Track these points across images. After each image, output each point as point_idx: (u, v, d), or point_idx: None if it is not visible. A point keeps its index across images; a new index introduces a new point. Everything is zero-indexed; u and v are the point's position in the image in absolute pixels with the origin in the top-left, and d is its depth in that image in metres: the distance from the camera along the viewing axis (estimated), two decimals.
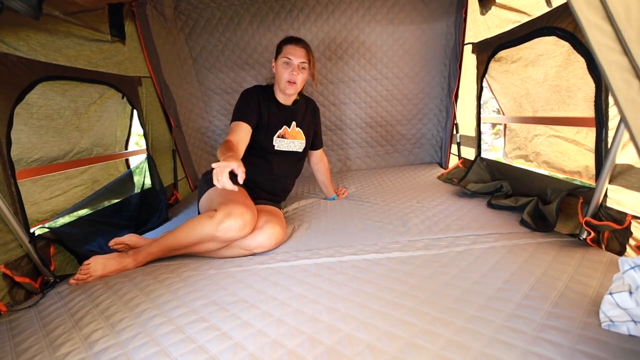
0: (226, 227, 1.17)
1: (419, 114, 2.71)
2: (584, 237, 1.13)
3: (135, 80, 2.00)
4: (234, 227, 1.18)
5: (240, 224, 1.19)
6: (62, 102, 1.52)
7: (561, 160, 1.62)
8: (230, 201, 1.25)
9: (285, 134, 1.59)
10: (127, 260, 1.26)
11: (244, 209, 1.22)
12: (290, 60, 1.47)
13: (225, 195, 1.33)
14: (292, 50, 1.48)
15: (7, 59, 1.21)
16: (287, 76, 1.48)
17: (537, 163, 1.83)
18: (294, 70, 1.47)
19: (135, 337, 0.80)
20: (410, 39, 2.46)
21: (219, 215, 1.18)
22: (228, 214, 1.18)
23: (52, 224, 1.37)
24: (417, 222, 1.45)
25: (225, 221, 1.17)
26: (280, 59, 1.49)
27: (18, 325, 0.93)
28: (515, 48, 1.61)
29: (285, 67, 1.48)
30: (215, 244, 1.23)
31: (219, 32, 2.38)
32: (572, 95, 1.44)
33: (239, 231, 1.19)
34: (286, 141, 1.59)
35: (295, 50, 1.48)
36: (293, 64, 1.47)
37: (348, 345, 0.72)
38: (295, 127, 1.62)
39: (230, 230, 1.18)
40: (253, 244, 1.26)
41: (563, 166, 1.61)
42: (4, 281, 1.11)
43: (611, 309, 0.71)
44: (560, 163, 1.63)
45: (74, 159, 1.63)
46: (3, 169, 1.16)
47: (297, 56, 1.47)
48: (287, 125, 1.59)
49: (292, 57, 1.47)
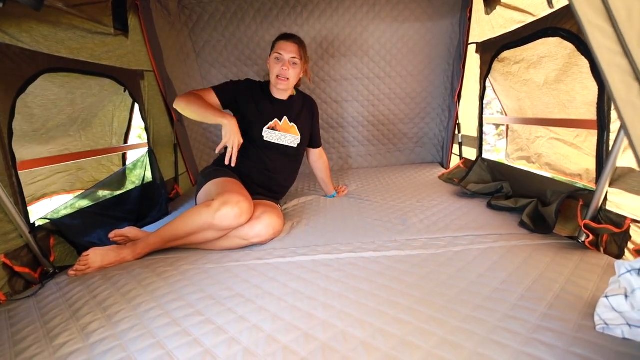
0: (223, 215, 1.20)
1: (422, 113, 2.70)
2: (583, 239, 1.13)
3: (138, 73, 2.00)
4: (231, 214, 1.20)
5: (237, 212, 1.21)
6: (59, 94, 1.53)
7: (563, 162, 1.62)
8: (227, 191, 1.27)
9: (275, 127, 1.61)
10: (125, 253, 1.27)
11: (240, 197, 1.25)
12: (281, 55, 1.51)
13: (222, 186, 1.35)
14: (283, 46, 1.52)
15: (9, 50, 1.22)
16: (277, 71, 1.52)
17: (539, 165, 1.82)
18: (284, 65, 1.51)
19: (132, 329, 0.81)
20: (415, 37, 2.45)
21: (216, 203, 1.21)
22: (225, 202, 1.21)
23: (53, 215, 1.38)
24: (416, 222, 1.45)
25: (222, 209, 1.20)
26: (273, 55, 1.53)
27: (16, 314, 0.94)
28: (519, 49, 1.60)
29: (276, 62, 1.52)
30: (212, 233, 1.24)
31: (223, 26, 2.38)
32: (571, 99, 1.43)
33: (236, 219, 1.22)
34: (277, 133, 1.60)
35: (287, 45, 1.52)
36: (284, 59, 1.51)
37: (342, 341, 0.72)
38: (288, 122, 1.63)
39: (227, 218, 1.20)
40: (251, 234, 1.28)
41: (565, 168, 1.61)
42: (4, 271, 1.12)
43: (606, 312, 0.71)
44: (562, 165, 1.63)
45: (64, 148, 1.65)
46: (4, 159, 1.16)
47: (288, 51, 1.51)
48: (279, 118, 1.61)
49: (283, 52, 1.51)
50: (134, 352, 0.72)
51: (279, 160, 1.63)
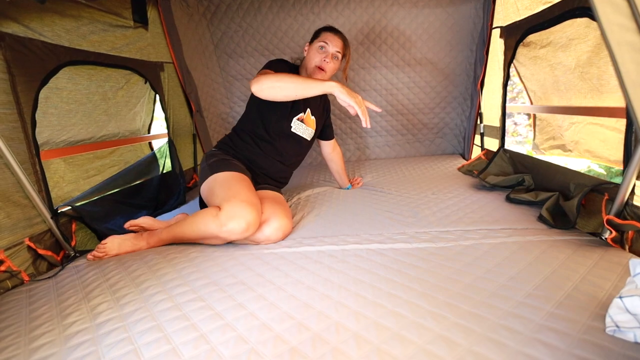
0: (229, 230, 1.14)
1: (442, 103, 2.60)
2: (606, 236, 1.06)
3: (158, 65, 2.05)
4: (238, 230, 1.14)
5: (244, 227, 1.14)
6: (89, 87, 1.59)
7: (604, 149, 1.49)
8: (232, 197, 1.19)
9: (303, 119, 1.58)
10: (141, 243, 1.31)
11: (247, 208, 1.16)
12: (327, 45, 1.44)
13: (227, 187, 1.27)
14: (330, 37, 1.45)
15: (32, 44, 1.27)
16: (318, 61, 1.45)
17: (578, 152, 1.70)
18: (327, 56, 1.44)
19: (136, 312, 0.84)
20: (435, 22, 2.35)
21: (223, 217, 1.14)
22: (231, 217, 1.14)
23: (75, 202, 1.45)
24: (428, 214, 1.41)
25: (228, 224, 1.13)
26: (316, 43, 1.46)
27: (36, 294, 1.00)
28: (545, 32, 1.49)
29: (319, 51, 1.45)
30: (220, 241, 1.24)
31: (240, 17, 2.38)
32: (604, 83, 1.32)
33: (243, 233, 1.16)
34: (302, 126, 1.58)
35: (334, 38, 1.45)
36: (328, 50, 1.45)
37: (334, 333, 0.71)
38: (310, 114, 1.61)
39: (234, 233, 1.15)
40: (261, 238, 1.24)
41: (608, 155, 1.48)
42: (29, 253, 1.20)
43: (619, 313, 0.66)
44: (604, 152, 1.51)
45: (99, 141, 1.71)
46: (28, 148, 1.23)
47: (334, 44, 1.45)
48: (304, 111, 1.58)
49: (330, 42, 1.44)
50: (134, 333, 0.75)
51: (293, 150, 1.62)
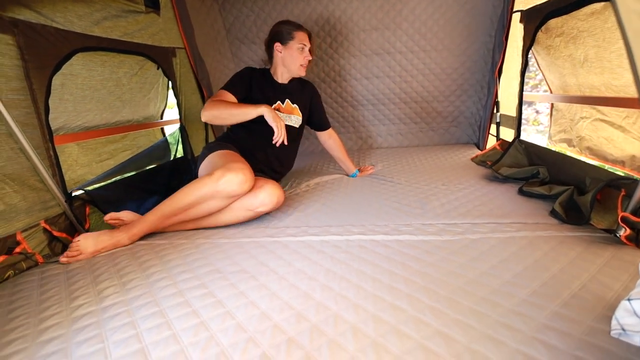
0: (227, 181, 1.23)
1: (458, 90, 2.52)
2: (620, 234, 1.02)
3: (170, 51, 2.05)
4: (235, 180, 1.23)
5: (242, 178, 1.24)
6: (103, 73, 1.60)
7: (605, 147, 1.44)
8: (230, 161, 1.32)
9: (279, 108, 1.70)
10: (120, 236, 1.22)
11: (243, 165, 1.30)
12: (305, 46, 1.66)
13: (225, 158, 1.40)
14: (304, 37, 1.66)
15: (45, 30, 1.29)
16: (302, 60, 1.66)
17: (579, 149, 1.65)
18: (307, 55, 1.66)
19: (140, 297, 0.86)
20: (453, 6, 2.26)
21: (219, 171, 1.24)
22: (228, 169, 1.24)
23: (87, 185, 1.49)
24: (436, 205, 1.38)
25: (226, 174, 1.23)
26: (295, 45, 1.64)
27: (48, 276, 1.04)
28: (560, 19, 1.42)
29: (300, 52, 1.65)
30: (216, 202, 1.26)
31: (252, 2, 2.35)
32: (617, 76, 1.25)
33: (240, 185, 1.25)
34: (281, 115, 1.69)
35: (306, 37, 1.67)
36: (306, 50, 1.66)
37: (332, 324, 0.72)
38: (290, 103, 1.74)
39: (232, 184, 1.23)
40: (256, 202, 1.32)
41: (607, 154, 1.43)
42: (44, 235, 1.24)
43: (626, 316, 0.63)
44: (604, 150, 1.45)
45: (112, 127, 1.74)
46: (42, 134, 1.26)
47: (309, 42, 1.68)
48: (281, 101, 1.71)
49: (307, 43, 1.66)
50: (137, 318, 0.77)
51: None
